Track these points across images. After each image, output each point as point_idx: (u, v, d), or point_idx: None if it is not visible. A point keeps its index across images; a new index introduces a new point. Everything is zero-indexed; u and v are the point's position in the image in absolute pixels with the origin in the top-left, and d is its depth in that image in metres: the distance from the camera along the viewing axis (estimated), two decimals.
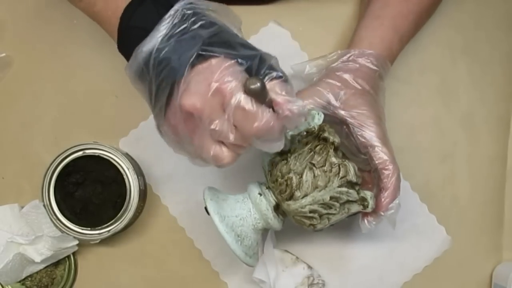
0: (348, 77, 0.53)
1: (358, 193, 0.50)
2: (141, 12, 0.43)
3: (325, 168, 0.49)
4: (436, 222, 0.64)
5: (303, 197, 0.49)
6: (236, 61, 0.40)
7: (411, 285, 0.63)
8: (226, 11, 0.44)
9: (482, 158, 0.64)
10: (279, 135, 0.42)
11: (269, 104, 0.40)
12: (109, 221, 0.60)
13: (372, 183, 0.53)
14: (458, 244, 0.63)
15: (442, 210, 0.64)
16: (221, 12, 0.43)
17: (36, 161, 0.64)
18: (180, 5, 0.41)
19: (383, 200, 0.51)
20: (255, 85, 0.38)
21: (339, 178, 0.48)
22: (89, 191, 0.61)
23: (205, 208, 0.50)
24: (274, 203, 0.51)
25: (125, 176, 0.60)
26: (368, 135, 0.51)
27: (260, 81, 0.38)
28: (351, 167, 0.49)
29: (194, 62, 0.40)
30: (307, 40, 0.65)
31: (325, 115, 0.51)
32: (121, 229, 0.60)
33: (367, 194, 0.50)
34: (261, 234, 0.53)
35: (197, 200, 0.51)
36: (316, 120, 0.50)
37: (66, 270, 0.63)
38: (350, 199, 0.49)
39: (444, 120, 0.65)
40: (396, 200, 0.51)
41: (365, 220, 0.52)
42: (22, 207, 0.62)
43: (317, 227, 0.51)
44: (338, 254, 0.64)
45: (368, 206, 0.50)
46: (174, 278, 0.64)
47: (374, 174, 0.52)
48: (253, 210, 0.51)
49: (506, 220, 0.64)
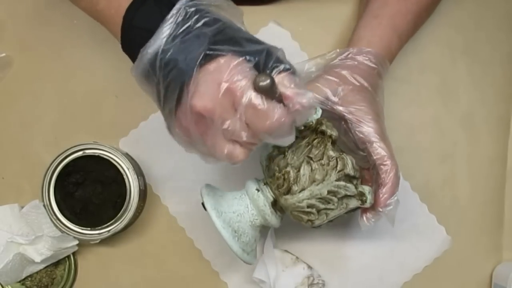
0: (346, 73, 0.53)
1: (356, 188, 0.49)
2: (144, 12, 0.42)
3: (323, 162, 0.48)
4: (436, 222, 0.64)
5: (301, 191, 0.48)
6: (244, 59, 0.40)
7: (411, 285, 0.63)
8: (229, 5, 0.44)
9: (482, 158, 0.64)
10: (290, 129, 0.42)
11: (279, 99, 0.40)
12: (109, 221, 0.60)
13: (372, 181, 0.52)
14: (458, 244, 0.63)
15: (442, 210, 0.64)
16: (224, 6, 0.43)
17: (36, 161, 0.64)
18: (182, 3, 0.40)
19: (381, 196, 0.50)
20: (265, 82, 0.38)
21: (337, 172, 0.48)
22: (89, 191, 0.61)
23: (202, 204, 0.50)
24: (272, 199, 0.51)
25: (125, 176, 0.60)
26: (366, 131, 0.51)
27: (270, 77, 0.38)
28: (349, 161, 0.48)
29: (202, 62, 0.39)
30: (307, 40, 0.65)
31: (324, 111, 0.51)
32: (121, 229, 0.60)
33: (365, 189, 0.50)
34: (259, 231, 0.53)
35: (197, 200, 0.51)
36: (314, 115, 0.50)
37: (66, 270, 0.63)
38: (348, 194, 0.49)
39: (444, 120, 0.65)
40: (395, 197, 0.51)
41: (364, 217, 0.52)
42: (22, 207, 0.62)
43: (315, 223, 0.50)
44: (338, 254, 0.63)
45: (367, 201, 0.50)
46: (174, 278, 0.64)
47: (373, 171, 0.52)
48: (251, 206, 0.51)
49: (506, 220, 0.64)
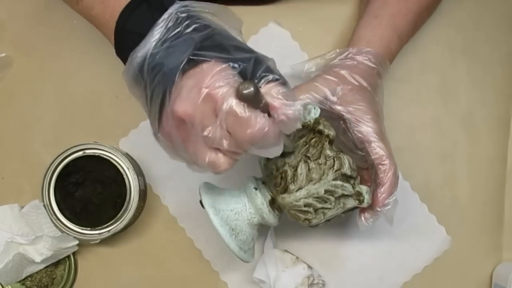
0: (345, 73, 0.53)
1: (354, 187, 0.49)
2: (136, 16, 0.42)
3: (320, 161, 0.48)
4: (436, 222, 0.64)
5: (298, 190, 0.48)
6: (228, 65, 0.39)
7: (411, 285, 0.63)
8: (226, 13, 0.43)
9: (482, 158, 0.64)
10: (276, 140, 0.40)
11: (265, 109, 0.38)
12: (109, 221, 0.60)
13: (371, 181, 0.52)
14: (458, 244, 0.63)
15: (442, 210, 0.64)
16: (220, 14, 0.42)
17: (36, 161, 0.64)
18: (174, 8, 0.40)
19: (379, 196, 0.50)
20: (248, 90, 0.36)
21: (334, 171, 0.48)
22: (89, 191, 0.61)
23: (200, 202, 0.50)
24: (270, 198, 0.51)
25: (125, 176, 0.60)
26: (365, 130, 0.51)
27: (253, 85, 0.37)
28: (346, 160, 0.48)
29: (186, 68, 0.39)
30: (307, 40, 0.65)
31: (322, 111, 0.51)
32: (121, 229, 0.60)
33: (363, 189, 0.49)
34: (257, 230, 0.53)
35: (197, 200, 0.51)
36: (312, 114, 0.50)
37: (66, 270, 0.63)
38: (345, 193, 0.49)
39: (444, 120, 0.65)
40: (393, 196, 0.51)
41: (362, 217, 0.52)
42: (22, 207, 0.62)
43: (312, 222, 0.50)
44: (339, 254, 0.63)
45: (364, 201, 0.49)
46: (174, 278, 0.64)
47: (372, 171, 0.52)
48: (249, 205, 0.51)
49: (506, 220, 0.64)
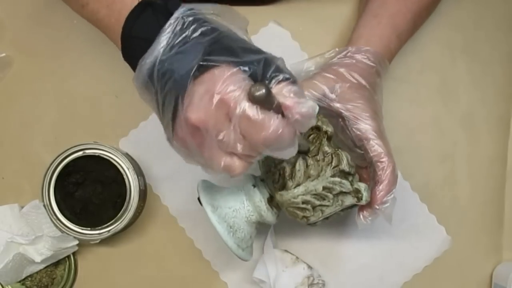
0: (344, 71, 0.53)
1: (352, 184, 0.49)
2: (141, 22, 0.42)
3: (318, 157, 0.48)
4: (436, 222, 0.64)
5: (296, 187, 0.48)
6: (239, 69, 0.39)
7: (411, 285, 0.63)
8: (231, 13, 0.43)
9: (482, 158, 0.64)
10: (291, 141, 0.40)
11: (278, 109, 0.38)
12: (109, 221, 0.60)
13: (370, 180, 0.52)
14: (458, 244, 0.63)
15: (442, 210, 0.64)
16: (225, 15, 0.42)
17: (36, 161, 0.64)
18: (180, 13, 0.40)
19: (378, 193, 0.50)
20: (260, 92, 0.36)
21: (332, 168, 0.48)
22: (89, 191, 0.61)
23: (198, 199, 0.50)
24: (268, 195, 0.51)
25: (125, 176, 0.60)
26: (363, 128, 0.51)
27: (265, 87, 0.36)
28: (344, 157, 0.48)
29: (196, 74, 0.38)
30: (307, 40, 0.65)
31: (321, 108, 0.51)
32: (121, 229, 0.60)
33: (361, 186, 0.49)
34: (255, 228, 0.53)
35: (197, 200, 0.51)
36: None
37: (66, 270, 0.63)
38: (344, 191, 0.49)
39: (444, 120, 0.65)
40: (391, 194, 0.50)
41: (361, 216, 0.52)
42: (22, 207, 0.62)
43: (311, 220, 0.50)
44: (338, 254, 0.63)
45: (362, 199, 0.49)
46: (174, 278, 0.64)
47: (370, 169, 0.52)
48: (247, 202, 0.51)
49: (506, 220, 0.64)
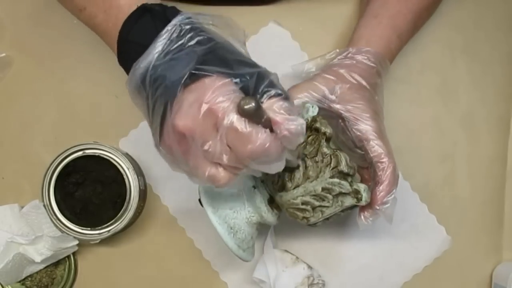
0: (344, 72, 0.53)
1: (351, 185, 0.49)
2: (139, 27, 0.42)
3: (317, 159, 0.48)
4: (436, 222, 0.64)
5: (295, 188, 0.48)
6: (231, 80, 0.38)
7: (411, 285, 0.63)
8: (230, 25, 0.43)
9: (482, 158, 0.64)
10: (278, 156, 0.39)
11: (267, 124, 0.38)
12: (109, 221, 0.60)
13: (371, 180, 0.52)
14: (458, 244, 0.63)
15: (442, 210, 0.64)
16: (224, 26, 0.42)
17: (36, 161, 0.64)
18: (178, 20, 0.40)
19: (378, 194, 0.50)
20: (249, 105, 0.36)
21: (331, 169, 0.48)
22: (89, 191, 0.61)
23: (199, 200, 0.50)
24: (268, 196, 0.51)
25: (125, 176, 0.60)
26: (364, 129, 0.51)
27: (255, 101, 0.36)
28: (343, 158, 0.48)
29: (188, 82, 0.38)
30: (307, 40, 0.65)
31: (321, 109, 0.51)
32: (121, 229, 0.60)
33: (361, 187, 0.49)
34: (256, 229, 0.53)
35: (197, 200, 0.51)
36: (310, 113, 0.50)
37: (66, 270, 0.63)
38: (343, 191, 0.48)
39: (444, 120, 0.65)
40: (392, 194, 0.50)
41: (362, 216, 0.52)
42: (22, 207, 0.62)
43: (311, 220, 0.50)
44: (339, 254, 0.64)
45: (362, 199, 0.49)
46: (174, 278, 0.64)
47: (371, 170, 0.52)
48: (247, 203, 0.51)
49: (506, 220, 0.64)
